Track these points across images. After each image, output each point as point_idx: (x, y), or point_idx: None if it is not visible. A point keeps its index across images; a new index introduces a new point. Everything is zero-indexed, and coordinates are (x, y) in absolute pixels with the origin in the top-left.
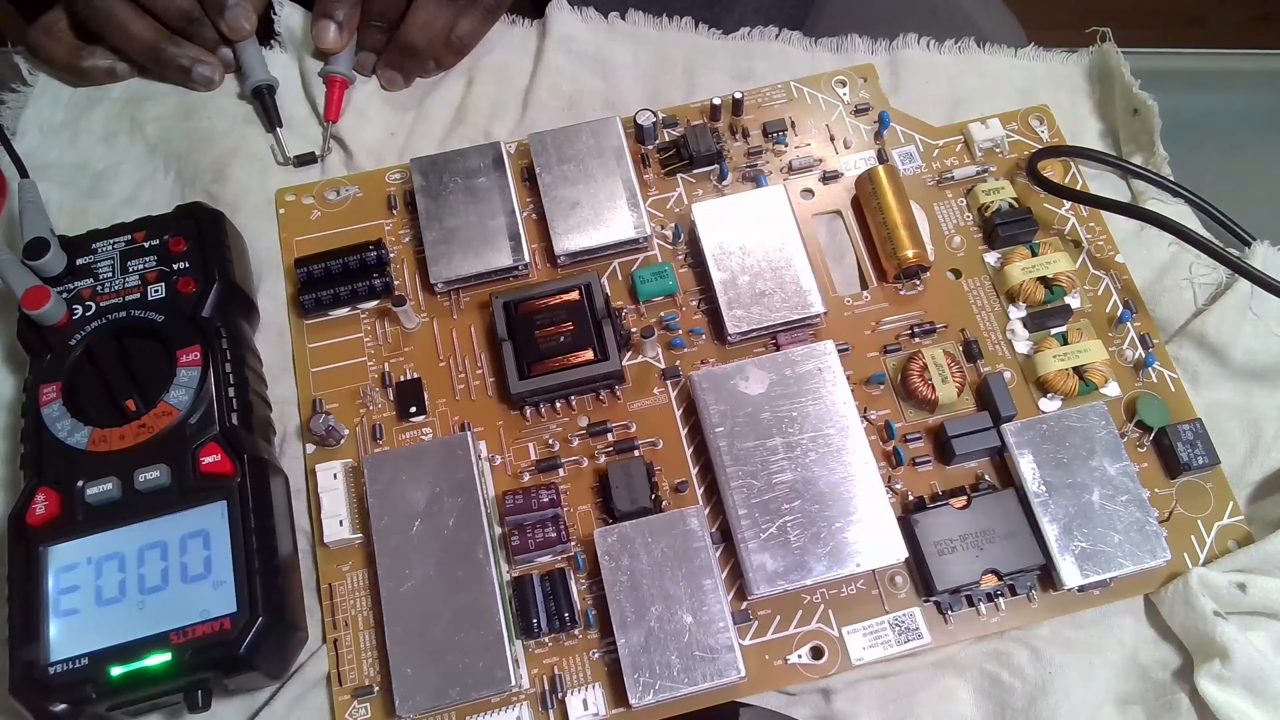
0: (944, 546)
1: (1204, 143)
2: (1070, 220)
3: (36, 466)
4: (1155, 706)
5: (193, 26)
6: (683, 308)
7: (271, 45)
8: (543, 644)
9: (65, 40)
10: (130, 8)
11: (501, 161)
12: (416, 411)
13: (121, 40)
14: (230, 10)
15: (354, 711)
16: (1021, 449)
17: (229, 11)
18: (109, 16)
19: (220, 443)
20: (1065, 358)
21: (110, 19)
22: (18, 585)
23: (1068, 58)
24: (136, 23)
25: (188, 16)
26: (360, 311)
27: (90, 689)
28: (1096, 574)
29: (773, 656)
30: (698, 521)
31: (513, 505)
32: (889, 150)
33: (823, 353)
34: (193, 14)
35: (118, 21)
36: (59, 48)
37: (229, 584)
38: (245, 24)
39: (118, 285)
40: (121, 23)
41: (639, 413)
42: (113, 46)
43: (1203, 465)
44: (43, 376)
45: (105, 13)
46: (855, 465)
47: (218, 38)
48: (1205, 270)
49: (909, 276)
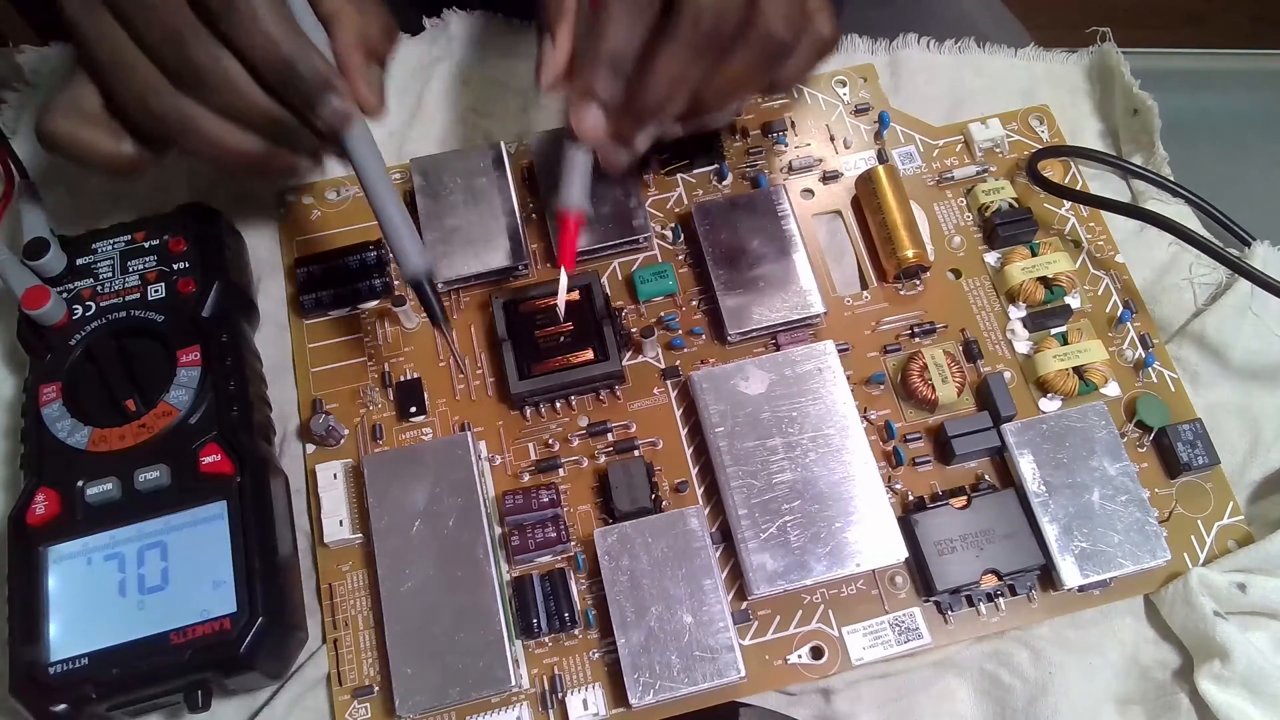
0: (944, 546)
1: (1204, 143)
2: (1070, 220)
3: (36, 466)
4: (1155, 706)
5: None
6: (683, 308)
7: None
8: (543, 644)
9: (103, 123)
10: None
11: (501, 161)
12: (416, 411)
13: (210, 152)
14: (328, 108)
15: (354, 711)
16: (1021, 449)
17: (326, 109)
18: (192, 128)
19: (220, 443)
20: (1065, 358)
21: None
22: (18, 585)
23: (1068, 58)
24: (225, 130)
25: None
26: (360, 311)
27: (90, 689)
28: (1096, 574)
29: (773, 656)
30: (698, 521)
31: (513, 505)
32: (889, 150)
33: (823, 353)
34: (286, 121)
35: (204, 131)
36: (99, 134)
37: (229, 584)
38: (350, 114)
39: (118, 285)
40: (207, 132)
41: (639, 413)
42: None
43: (1203, 465)
44: (43, 376)
45: (180, 121)
46: (855, 465)
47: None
48: (1205, 270)
49: (909, 276)
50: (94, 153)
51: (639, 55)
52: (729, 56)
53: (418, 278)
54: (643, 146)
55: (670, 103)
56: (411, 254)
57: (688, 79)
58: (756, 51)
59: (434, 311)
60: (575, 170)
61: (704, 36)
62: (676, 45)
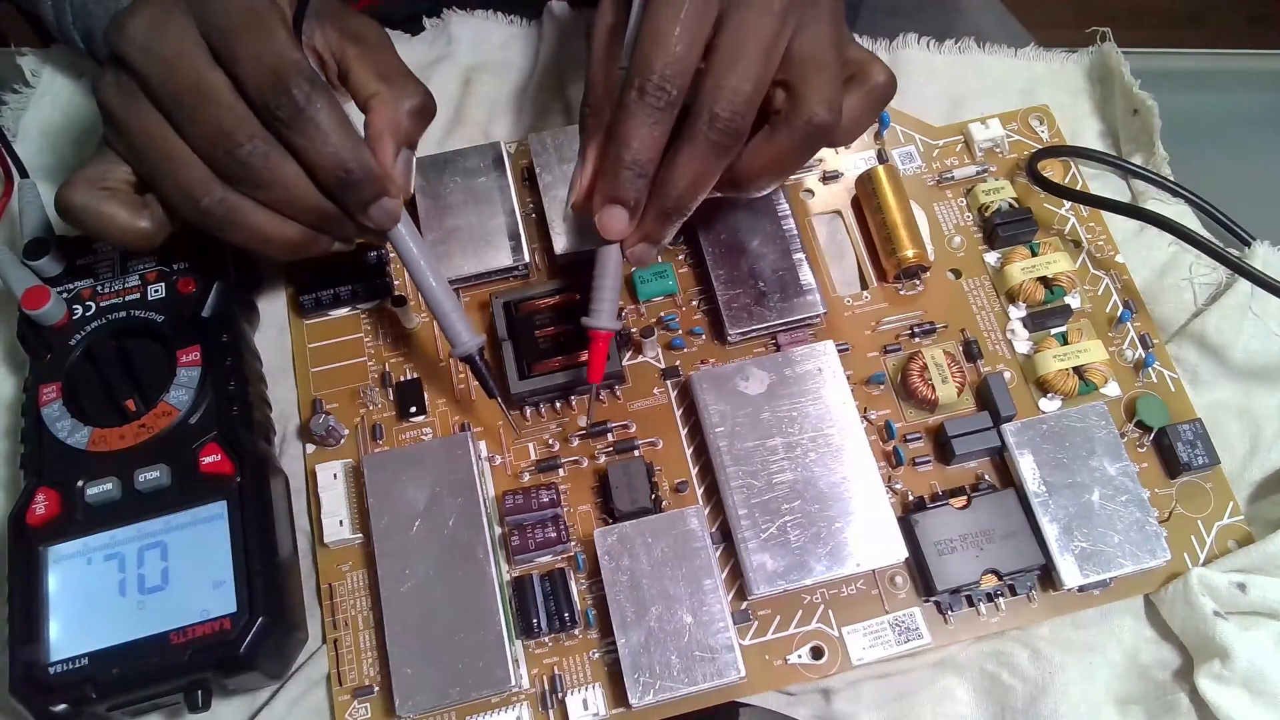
0: (944, 546)
1: (1204, 143)
2: (1070, 220)
3: (36, 466)
4: (1155, 706)
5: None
6: (683, 308)
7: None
8: (543, 644)
9: (123, 198)
10: (262, 210)
11: (501, 161)
12: (416, 411)
13: (251, 242)
14: (380, 210)
15: (354, 711)
16: (1021, 449)
17: (379, 210)
18: (238, 220)
19: (220, 443)
20: (1065, 358)
21: (242, 224)
22: (18, 585)
23: (1068, 58)
24: (270, 222)
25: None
26: (360, 311)
27: (90, 689)
28: (1096, 574)
29: (773, 656)
30: (698, 521)
31: (513, 505)
32: (889, 150)
33: (823, 353)
34: (333, 215)
35: (249, 224)
36: (118, 210)
37: (229, 584)
38: (399, 213)
39: (118, 285)
40: (253, 225)
41: (639, 413)
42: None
43: (1203, 465)
44: (43, 376)
45: (226, 215)
46: (855, 465)
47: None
48: (1205, 270)
49: (909, 276)
50: (112, 228)
51: (660, 156)
52: (771, 140)
53: (471, 357)
54: (669, 237)
55: (694, 198)
56: (463, 334)
57: (709, 175)
58: (800, 136)
59: (487, 384)
60: (606, 284)
61: (721, 134)
62: (694, 145)
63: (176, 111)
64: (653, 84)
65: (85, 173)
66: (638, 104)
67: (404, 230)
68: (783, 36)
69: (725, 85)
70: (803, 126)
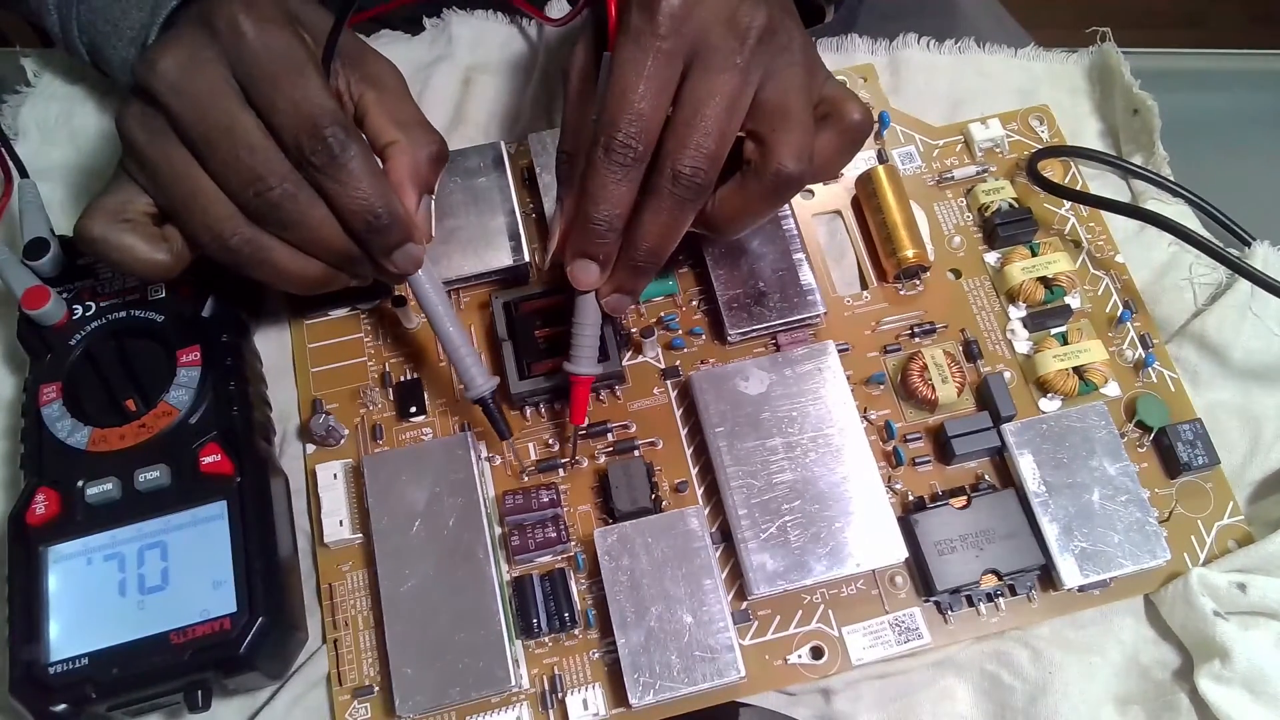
0: (944, 546)
1: (1204, 143)
2: (1070, 220)
3: (36, 466)
4: (1155, 706)
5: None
6: (683, 308)
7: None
8: (543, 644)
9: (141, 229)
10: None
11: (501, 161)
12: (416, 411)
13: (274, 279)
14: (404, 256)
15: (354, 711)
16: (1021, 449)
17: (402, 256)
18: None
19: (220, 443)
20: (1065, 358)
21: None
22: (18, 585)
23: (1068, 58)
24: (294, 260)
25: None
26: (360, 311)
27: (90, 689)
28: (1096, 574)
29: (773, 656)
30: (698, 521)
31: (513, 505)
32: (889, 150)
33: (823, 353)
34: (357, 256)
35: (274, 263)
36: (137, 242)
37: (229, 584)
38: (422, 258)
39: (118, 285)
40: (277, 263)
41: (639, 413)
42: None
43: (1203, 465)
44: (43, 376)
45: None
46: (855, 465)
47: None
48: (1205, 270)
49: (909, 276)
50: (131, 260)
51: (629, 210)
52: (742, 190)
53: (483, 399)
54: (644, 287)
55: (663, 251)
56: (477, 378)
57: (676, 229)
58: (769, 187)
59: (499, 427)
60: (585, 331)
61: (685, 190)
62: (659, 200)
63: (206, 151)
64: (618, 141)
65: (105, 203)
66: (604, 161)
67: (424, 275)
68: (746, 91)
69: (688, 142)
70: (771, 178)
